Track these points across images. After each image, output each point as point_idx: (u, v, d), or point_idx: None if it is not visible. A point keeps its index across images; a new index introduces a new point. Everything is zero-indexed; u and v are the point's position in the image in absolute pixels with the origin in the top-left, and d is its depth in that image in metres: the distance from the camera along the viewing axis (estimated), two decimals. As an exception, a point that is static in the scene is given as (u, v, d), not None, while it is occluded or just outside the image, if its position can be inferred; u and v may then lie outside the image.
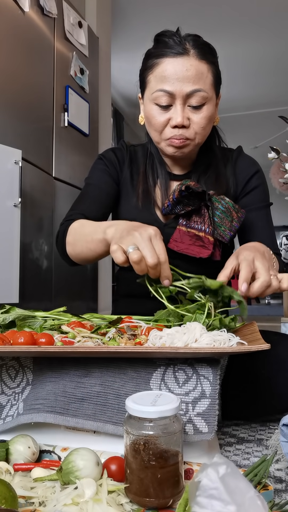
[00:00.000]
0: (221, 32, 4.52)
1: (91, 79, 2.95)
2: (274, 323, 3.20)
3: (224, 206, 1.05)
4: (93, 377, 0.71)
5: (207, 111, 1.03)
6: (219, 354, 0.67)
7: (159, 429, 0.56)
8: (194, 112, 1.03)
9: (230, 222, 1.05)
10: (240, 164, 1.19)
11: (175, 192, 1.04)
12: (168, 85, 1.01)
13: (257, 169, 1.20)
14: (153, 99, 1.04)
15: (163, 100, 1.02)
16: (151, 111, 1.06)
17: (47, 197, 2.35)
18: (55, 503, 0.55)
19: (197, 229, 1.07)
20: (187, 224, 1.07)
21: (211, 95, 1.04)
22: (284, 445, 0.71)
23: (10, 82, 2.07)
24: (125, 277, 1.22)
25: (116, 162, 1.22)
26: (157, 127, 1.05)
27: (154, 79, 1.04)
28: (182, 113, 1.01)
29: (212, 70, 1.04)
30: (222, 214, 1.05)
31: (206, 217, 1.06)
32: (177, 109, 1.02)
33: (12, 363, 0.76)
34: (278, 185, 4.76)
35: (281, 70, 5.32)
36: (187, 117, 1.03)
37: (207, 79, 1.02)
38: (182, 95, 1.00)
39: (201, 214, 1.07)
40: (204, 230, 1.06)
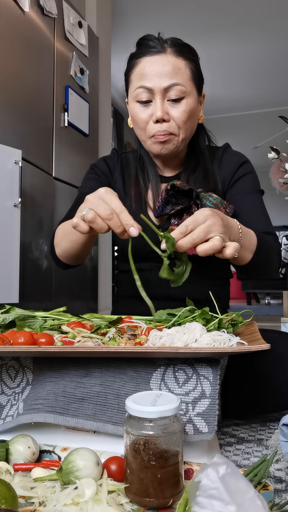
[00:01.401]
0: (221, 32, 4.52)
1: (91, 79, 2.96)
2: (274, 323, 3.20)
3: (212, 203, 1.06)
4: (93, 377, 0.71)
5: (186, 105, 1.05)
6: (219, 354, 0.67)
7: (159, 429, 0.56)
8: (174, 106, 1.05)
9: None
10: (226, 158, 1.20)
11: (162, 193, 1.06)
12: (147, 81, 1.04)
13: (244, 160, 1.20)
14: (134, 97, 1.07)
15: (143, 96, 1.04)
16: (134, 109, 1.08)
17: (47, 197, 2.35)
18: (55, 503, 0.55)
19: None
20: (178, 223, 1.06)
21: (189, 89, 1.06)
22: (284, 445, 0.71)
23: (10, 82, 2.07)
24: (124, 279, 1.23)
25: (107, 171, 1.24)
26: (140, 124, 1.08)
27: (134, 78, 1.07)
28: (161, 107, 1.03)
29: (190, 67, 1.07)
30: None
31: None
32: (157, 104, 1.04)
33: (12, 363, 0.76)
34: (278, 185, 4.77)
35: (281, 70, 5.32)
36: (167, 111, 1.04)
37: (184, 74, 1.05)
38: (160, 89, 1.03)
39: (191, 213, 1.06)
40: None
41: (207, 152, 1.19)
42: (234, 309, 0.95)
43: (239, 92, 5.92)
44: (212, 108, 6.03)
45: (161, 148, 1.08)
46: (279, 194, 4.94)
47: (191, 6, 4.11)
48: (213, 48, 4.75)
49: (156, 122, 1.05)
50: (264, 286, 6.07)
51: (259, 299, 6.99)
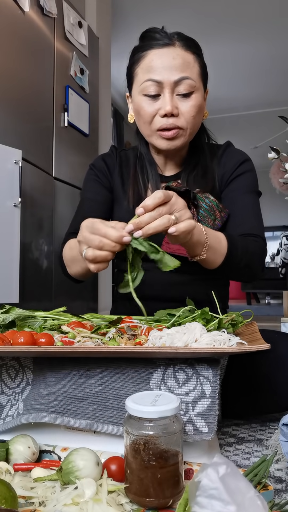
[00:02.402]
0: (221, 32, 4.52)
1: (91, 79, 2.95)
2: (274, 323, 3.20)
3: (208, 205, 1.05)
4: (93, 377, 0.71)
5: (195, 100, 1.03)
6: (219, 354, 0.67)
7: (159, 429, 0.56)
8: (183, 101, 1.03)
9: (212, 221, 1.05)
10: (227, 156, 1.18)
11: None
12: (156, 74, 1.01)
13: (245, 158, 1.18)
14: (141, 91, 1.04)
15: (152, 89, 1.02)
16: (140, 103, 1.05)
17: (47, 197, 2.35)
18: (55, 503, 0.55)
19: None
20: None
21: (199, 85, 1.04)
22: (284, 445, 0.71)
23: (10, 82, 2.07)
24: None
25: (106, 170, 1.22)
26: (146, 117, 1.05)
27: (141, 71, 1.04)
28: (171, 101, 1.01)
29: (199, 62, 1.05)
30: (205, 213, 1.05)
31: (194, 217, 1.06)
32: (166, 98, 1.01)
33: (12, 363, 0.76)
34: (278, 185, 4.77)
35: (281, 70, 5.32)
36: (176, 105, 1.02)
37: (194, 68, 1.03)
38: (170, 83, 1.01)
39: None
40: None
41: (207, 150, 1.17)
42: (234, 309, 0.95)
43: (239, 92, 5.92)
44: (212, 108, 6.01)
45: (168, 144, 1.06)
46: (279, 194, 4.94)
47: (191, 6, 4.11)
48: (213, 48, 4.75)
49: (163, 116, 1.03)
50: (264, 286, 6.06)
51: (259, 299, 7.00)
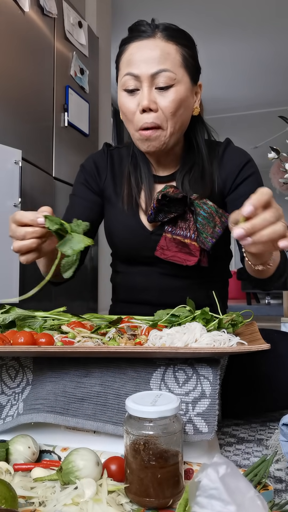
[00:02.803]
0: (221, 32, 4.52)
1: (91, 79, 2.95)
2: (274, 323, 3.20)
3: (207, 212, 1.01)
4: (93, 377, 0.71)
5: (175, 94, 0.97)
6: (219, 354, 0.67)
7: (159, 429, 0.56)
8: (161, 95, 0.97)
9: (212, 228, 1.01)
10: (228, 157, 1.11)
11: (154, 201, 1.01)
12: (134, 68, 0.97)
13: (247, 159, 1.11)
14: (121, 86, 1.00)
15: (130, 84, 0.98)
16: (121, 99, 1.01)
17: (47, 197, 2.35)
18: (55, 503, 0.55)
19: (182, 235, 1.03)
20: (172, 231, 1.04)
21: (180, 77, 0.98)
22: (284, 445, 0.71)
23: (10, 82, 2.07)
24: (119, 281, 1.20)
25: (95, 173, 1.17)
26: (128, 114, 1.00)
27: (122, 65, 1.01)
28: (148, 95, 0.96)
29: (182, 52, 0.98)
30: (204, 220, 1.01)
31: (191, 223, 1.03)
32: (144, 92, 0.96)
33: (12, 363, 0.76)
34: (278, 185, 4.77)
35: (281, 70, 5.32)
36: (154, 100, 0.97)
37: (174, 60, 0.97)
38: (148, 76, 0.96)
39: (186, 219, 1.03)
40: (189, 237, 1.03)
41: (205, 149, 1.10)
42: (234, 309, 0.95)
43: (239, 92, 5.91)
44: (212, 108, 6.03)
45: (147, 145, 1.00)
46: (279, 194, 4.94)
47: (191, 6, 4.11)
48: (213, 48, 4.75)
49: (143, 112, 0.97)
50: (264, 286, 6.05)
51: (259, 299, 6.99)
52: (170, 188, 1.02)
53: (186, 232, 1.03)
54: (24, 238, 0.80)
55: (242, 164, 1.10)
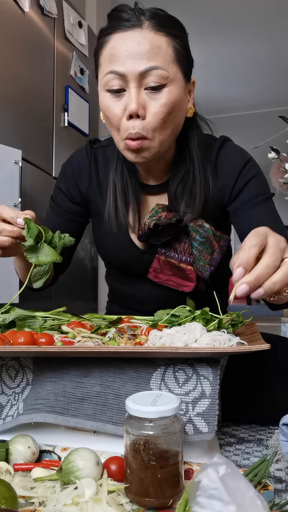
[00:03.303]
0: (220, 32, 4.52)
1: (91, 79, 2.95)
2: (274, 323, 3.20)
3: (203, 236, 0.91)
4: (93, 377, 0.71)
5: (168, 96, 0.83)
6: (219, 354, 0.67)
7: (159, 429, 0.56)
8: (153, 97, 0.83)
9: (210, 255, 0.92)
10: (222, 162, 0.98)
11: (145, 226, 0.92)
12: (118, 65, 0.82)
13: (246, 160, 0.98)
14: (104, 85, 0.85)
15: (114, 83, 0.83)
16: (104, 101, 0.86)
17: (47, 197, 2.34)
18: (55, 503, 0.55)
19: (177, 259, 0.95)
20: (166, 253, 0.95)
21: (173, 75, 0.84)
22: (284, 445, 0.71)
23: (10, 82, 2.07)
24: (116, 288, 1.15)
25: (77, 179, 1.05)
26: (113, 120, 0.86)
27: (103, 60, 0.85)
28: (136, 98, 0.82)
29: (174, 45, 0.84)
30: (200, 246, 0.92)
31: (187, 245, 0.95)
32: (131, 93, 0.82)
33: (12, 363, 0.76)
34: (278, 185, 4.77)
35: (281, 70, 5.32)
36: (143, 104, 0.83)
37: (166, 55, 0.83)
38: (135, 75, 0.81)
39: (181, 241, 0.95)
40: (185, 261, 0.95)
41: (199, 154, 0.97)
42: (234, 309, 0.95)
43: (239, 92, 5.91)
44: (211, 108, 6.03)
45: (135, 156, 0.87)
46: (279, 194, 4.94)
47: (190, 6, 4.11)
48: (212, 48, 4.75)
49: (130, 118, 0.83)
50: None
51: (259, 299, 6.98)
52: (161, 211, 0.91)
53: (181, 255, 0.95)
54: (0, 233, 0.79)
55: (240, 167, 0.97)
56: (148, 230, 0.92)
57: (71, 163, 1.08)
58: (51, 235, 0.81)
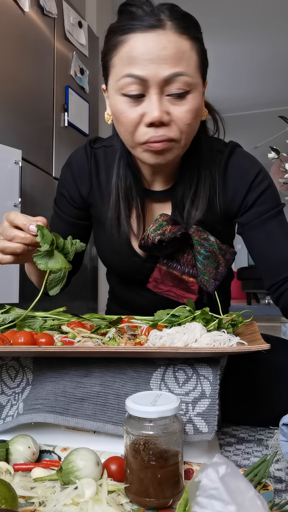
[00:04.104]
0: (221, 32, 4.52)
1: (91, 79, 2.96)
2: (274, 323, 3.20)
3: (208, 250, 0.89)
4: (93, 377, 0.71)
5: (193, 102, 0.79)
6: (219, 354, 0.67)
7: (159, 429, 0.56)
8: (176, 104, 0.79)
9: (215, 269, 0.89)
10: (232, 173, 0.95)
11: (149, 239, 0.89)
12: (139, 69, 0.76)
13: (257, 171, 0.95)
14: (119, 89, 0.80)
15: (133, 88, 0.78)
16: (118, 105, 0.81)
17: (47, 197, 2.35)
18: (55, 503, 0.55)
19: (180, 270, 0.93)
20: (168, 263, 0.93)
21: (197, 81, 0.80)
22: (284, 445, 0.71)
23: (10, 82, 2.07)
24: (116, 290, 1.15)
25: (77, 182, 1.01)
26: (128, 126, 0.81)
27: (119, 62, 0.79)
28: (159, 106, 0.77)
29: (197, 49, 0.81)
30: (205, 260, 0.89)
31: (190, 256, 0.92)
32: (152, 100, 0.77)
33: (12, 363, 0.76)
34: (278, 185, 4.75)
35: (281, 70, 5.32)
36: (167, 110, 0.78)
37: (190, 60, 0.78)
38: (158, 81, 0.76)
39: (184, 252, 0.93)
40: (187, 273, 0.92)
41: (207, 159, 0.94)
42: (234, 309, 0.95)
43: (239, 92, 5.92)
44: (212, 108, 6.03)
45: (156, 158, 0.83)
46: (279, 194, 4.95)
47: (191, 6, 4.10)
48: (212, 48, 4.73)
49: (150, 126, 0.79)
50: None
51: (259, 299, 6.99)
52: (166, 224, 0.88)
53: (183, 267, 0.93)
54: (12, 240, 0.78)
55: (251, 180, 0.93)
56: (152, 244, 0.89)
57: (71, 166, 1.04)
58: (62, 242, 0.80)
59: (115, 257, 1.03)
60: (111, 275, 1.18)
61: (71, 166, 1.04)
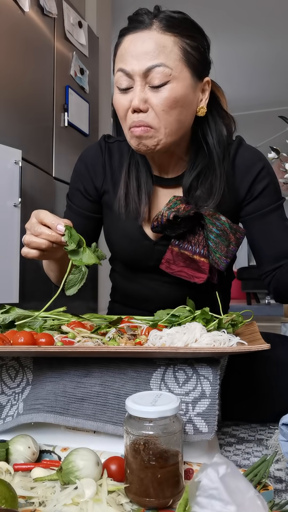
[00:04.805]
0: (221, 32, 4.52)
1: (91, 79, 2.96)
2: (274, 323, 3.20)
3: (220, 228, 0.93)
4: (93, 377, 0.71)
5: (169, 92, 0.86)
6: (219, 354, 0.67)
7: (159, 429, 0.56)
8: (154, 92, 0.87)
9: (226, 247, 0.93)
10: (240, 161, 1.02)
11: (163, 217, 0.93)
12: (125, 64, 0.88)
13: (262, 166, 1.02)
14: (115, 83, 0.91)
15: (122, 81, 0.89)
16: (114, 96, 0.93)
17: (47, 197, 2.35)
18: (55, 503, 0.55)
19: (191, 251, 0.96)
20: (180, 244, 0.96)
21: (177, 72, 0.87)
22: (284, 445, 0.71)
23: (10, 82, 2.07)
24: (120, 286, 1.17)
25: (92, 175, 1.07)
26: (120, 112, 0.92)
27: (116, 60, 0.92)
28: (139, 94, 0.87)
29: (181, 45, 0.88)
30: (217, 239, 0.93)
31: (201, 237, 0.96)
32: (135, 91, 0.88)
33: (12, 363, 0.76)
34: (278, 185, 4.75)
35: (281, 70, 5.32)
36: (145, 99, 0.87)
37: (171, 53, 0.86)
38: (139, 73, 0.86)
39: (195, 233, 0.96)
40: (199, 253, 0.95)
41: (219, 150, 1.00)
42: (234, 309, 0.95)
43: (239, 92, 5.92)
44: (212, 108, 6.03)
45: (137, 143, 0.91)
46: (279, 194, 4.95)
47: (191, 6, 4.10)
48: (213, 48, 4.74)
49: (134, 112, 0.89)
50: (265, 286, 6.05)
51: (259, 299, 7.00)
52: (180, 203, 0.93)
53: (195, 247, 0.96)
54: (39, 236, 0.81)
55: (255, 173, 1.01)
56: (166, 221, 0.93)
57: (84, 161, 1.10)
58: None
59: (125, 242, 1.05)
60: (115, 272, 1.19)
61: (84, 161, 1.10)
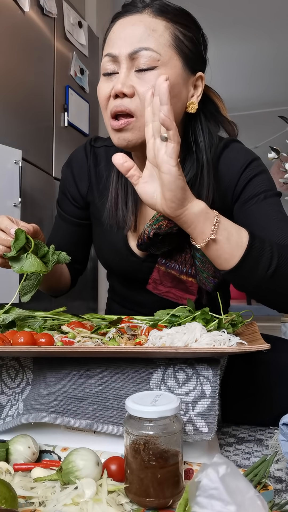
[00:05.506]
0: (221, 32, 4.52)
1: (91, 79, 2.96)
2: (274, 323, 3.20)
3: None
4: (93, 377, 0.71)
5: (156, 77, 0.78)
6: (219, 354, 0.67)
7: (159, 429, 0.56)
8: (140, 77, 0.80)
9: (213, 266, 0.86)
10: (224, 165, 0.93)
11: (144, 235, 0.88)
12: (112, 47, 0.82)
13: (250, 159, 0.93)
14: (101, 70, 0.85)
15: (109, 66, 0.83)
16: (99, 84, 0.86)
17: (47, 197, 2.35)
18: (55, 503, 0.55)
19: (178, 270, 0.91)
20: (166, 263, 0.92)
21: (166, 58, 0.81)
22: (284, 444, 0.71)
23: (10, 82, 2.07)
24: (117, 289, 1.15)
25: (74, 186, 1.03)
26: (101, 100, 0.85)
27: (105, 47, 0.86)
28: (123, 78, 0.80)
29: (173, 31, 0.82)
30: (203, 257, 0.86)
31: (188, 255, 0.90)
32: (120, 75, 0.81)
33: (12, 363, 0.76)
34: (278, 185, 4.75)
35: (281, 70, 5.32)
36: (131, 84, 0.81)
37: (161, 38, 0.80)
38: (126, 56, 0.80)
39: (182, 251, 0.91)
40: (186, 272, 0.91)
41: (209, 155, 0.91)
42: (234, 309, 0.95)
43: (239, 92, 5.92)
44: (212, 108, 6.03)
45: (118, 137, 0.84)
46: (279, 194, 4.95)
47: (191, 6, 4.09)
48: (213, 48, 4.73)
49: (116, 97, 0.82)
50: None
51: (259, 299, 6.98)
52: (162, 219, 0.85)
53: (181, 267, 0.91)
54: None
55: (244, 165, 0.92)
56: (147, 239, 0.88)
57: (71, 165, 1.06)
58: (45, 251, 0.84)
59: (114, 257, 1.03)
60: (111, 274, 1.18)
61: (71, 165, 1.06)
